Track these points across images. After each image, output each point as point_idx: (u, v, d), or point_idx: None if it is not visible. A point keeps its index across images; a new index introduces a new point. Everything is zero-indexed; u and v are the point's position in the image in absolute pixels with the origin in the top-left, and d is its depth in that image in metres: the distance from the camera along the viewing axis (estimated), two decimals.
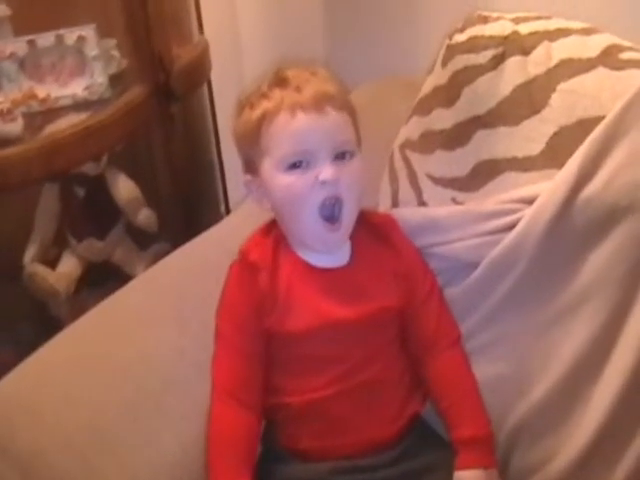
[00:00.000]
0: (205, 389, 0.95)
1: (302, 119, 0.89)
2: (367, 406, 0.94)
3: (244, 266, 0.97)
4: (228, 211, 1.63)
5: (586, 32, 0.99)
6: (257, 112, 0.92)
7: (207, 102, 1.52)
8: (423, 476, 0.93)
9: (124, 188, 1.44)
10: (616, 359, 0.92)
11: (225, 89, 1.53)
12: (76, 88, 1.29)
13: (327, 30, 1.51)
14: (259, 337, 0.95)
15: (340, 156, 0.90)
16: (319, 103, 0.89)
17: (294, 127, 0.89)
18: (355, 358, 0.94)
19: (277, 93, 0.91)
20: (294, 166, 0.90)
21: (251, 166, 0.95)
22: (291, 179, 0.90)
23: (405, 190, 1.09)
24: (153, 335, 1.02)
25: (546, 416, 0.96)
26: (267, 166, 0.92)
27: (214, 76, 1.49)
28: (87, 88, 1.29)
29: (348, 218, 0.93)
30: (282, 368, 0.96)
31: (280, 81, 0.93)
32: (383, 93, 1.30)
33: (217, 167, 1.58)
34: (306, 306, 0.94)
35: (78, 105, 1.30)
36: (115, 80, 1.32)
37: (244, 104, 0.95)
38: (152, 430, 0.94)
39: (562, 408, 0.95)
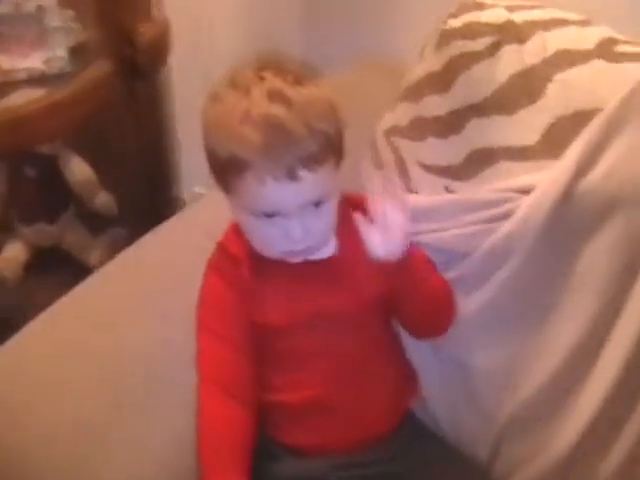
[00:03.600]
0: (193, 381, 0.90)
1: (272, 189, 0.81)
2: (362, 401, 0.92)
3: (224, 259, 0.93)
4: (182, 195, 1.58)
5: (582, 24, 0.99)
6: (224, 149, 0.82)
7: (166, 83, 1.45)
8: (420, 470, 0.92)
9: (79, 170, 1.37)
10: (610, 351, 0.92)
11: (186, 72, 1.48)
12: (35, 61, 1.21)
13: (304, 11, 1.45)
14: (246, 329, 0.91)
15: (316, 203, 0.84)
16: (292, 169, 0.80)
17: (262, 193, 0.81)
18: (346, 351, 0.92)
19: (246, 142, 0.79)
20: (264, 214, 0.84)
21: (221, 185, 0.87)
22: (257, 224, 0.85)
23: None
24: (133, 323, 0.98)
25: (538, 408, 0.96)
26: (234, 199, 0.86)
27: (175, 58, 1.43)
28: (47, 61, 1.20)
29: (317, 249, 0.89)
30: (273, 365, 0.93)
31: (247, 120, 0.80)
32: (361, 77, 1.27)
33: (173, 150, 1.52)
34: (291, 298, 0.91)
35: (35, 79, 1.22)
36: (74, 54, 1.24)
37: (215, 107, 0.84)
38: (140, 424, 0.90)
39: (555, 400, 0.95)
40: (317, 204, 0.84)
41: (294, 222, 0.83)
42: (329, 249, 0.93)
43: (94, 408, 0.88)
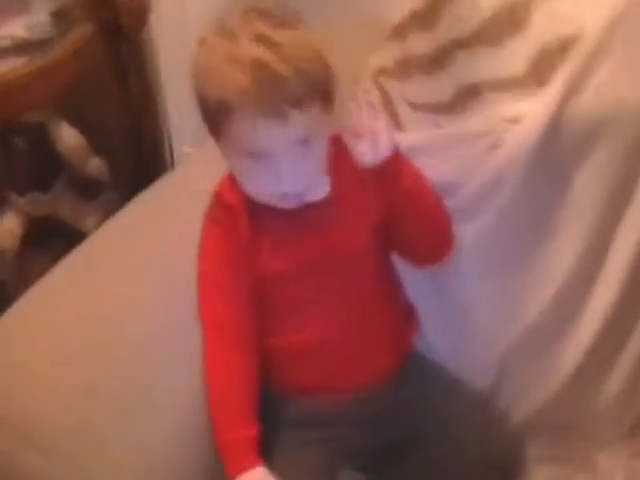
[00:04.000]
0: (194, 342, 0.91)
1: (260, 127, 0.81)
2: (363, 338, 0.93)
3: (221, 210, 0.94)
4: (172, 156, 1.57)
5: None
6: (213, 93, 0.83)
7: (150, 43, 1.44)
8: (424, 404, 0.93)
9: (68, 137, 1.36)
10: (607, 275, 0.94)
11: (168, 31, 1.46)
12: (15, 28, 1.19)
13: None
14: (245, 275, 0.92)
15: (304, 142, 0.85)
16: (281, 110, 0.81)
17: (251, 132, 0.82)
18: (344, 291, 0.92)
19: (235, 81, 0.80)
20: (252, 154, 0.85)
21: (212, 130, 0.88)
22: (250, 165, 0.85)
23: None
24: (139, 286, 0.97)
25: (538, 336, 0.98)
26: (226, 145, 0.87)
27: (157, 16, 1.41)
28: (28, 28, 1.19)
29: (311, 191, 0.90)
30: (278, 308, 0.93)
31: (236, 61, 0.81)
32: (347, 37, 1.26)
33: (162, 111, 1.51)
34: (288, 244, 0.91)
35: (17, 47, 1.21)
36: (56, 18, 1.23)
37: (203, 55, 0.85)
38: (151, 393, 0.89)
39: (556, 324, 0.97)
40: (305, 143, 0.84)
41: (283, 162, 0.84)
42: (322, 191, 0.93)
43: (105, 378, 0.88)
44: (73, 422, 0.85)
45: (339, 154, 0.92)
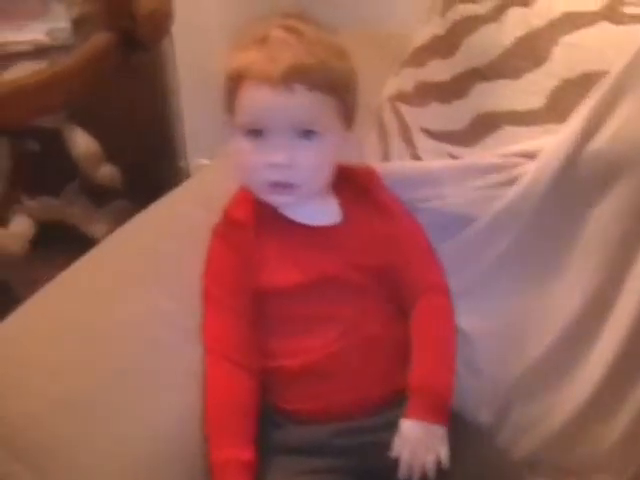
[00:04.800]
0: (196, 355, 0.91)
1: (266, 94, 0.85)
2: (364, 367, 0.92)
3: (229, 226, 0.94)
4: (187, 166, 1.57)
5: None
6: (233, 66, 0.88)
7: (169, 53, 1.44)
8: None
9: (83, 143, 1.36)
10: (616, 315, 0.92)
11: (187, 41, 1.46)
12: (36, 33, 1.19)
13: None
14: (250, 296, 0.91)
15: (303, 135, 0.87)
16: (289, 79, 0.84)
17: (256, 99, 0.86)
18: (349, 317, 0.91)
19: (252, 53, 0.87)
20: (254, 132, 0.87)
21: (228, 109, 0.92)
22: (247, 147, 0.88)
23: (396, 145, 1.06)
24: (134, 299, 0.95)
25: (545, 372, 0.95)
26: (234, 121, 0.90)
27: (176, 27, 1.41)
28: (49, 33, 1.19)
29: (305, 191, 0.90)
30: (276, 330, 0.92)
31: (260, 40, 0.87)
32: (356, 46, 1.25)
33: (178, 121, 1.51)
34: (294, 263, 0.91)
35: (36, 52, 1.20)
36: (77, 26, 1.23)
37: (238, 41, 0.91)
38: (143, 403, 0.88)
39: (561, 364, 0.94)
40: (308, 134, 0.87)
41: (279, 143, 0.86)
42: (333, 217, 0.94)
43: (94, 385, 0.87)
44: (70, 434, 0.84)
45: (351, 185, 0.92)
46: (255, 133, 0.87)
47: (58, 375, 0.87)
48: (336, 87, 0.87)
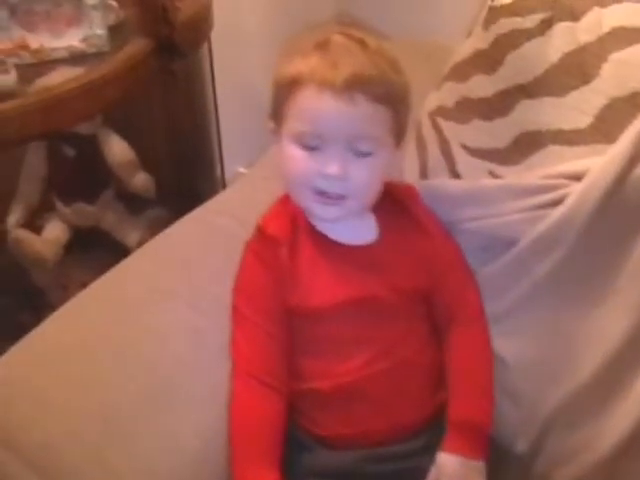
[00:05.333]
0: (224, 373, 0.89)
1: (327, 101, 0.82)
2: (397, 391, 0.89)
3: (262, 241, 0.92)
4: (223, 177, 1.55)
5: None
6: (291, 71, 0.85)
7: (206, 62, 1.42)
8: None
9: (118, 150, 1.35)
10: None
11: (224, 49, 1.44)
12: (72, 39, 1.19)
13: None
14: (281, 316, 0.89)
15: (359, 153, 0.84)
16: (351, 88, 0.81)
17: (316, 107, 0.83)
18: (383, 340, 0.89)
19: (314, 59, 0.83)
20: (307, 143, 0.84)
21: (276, 116, 0.89)
22: (299, 155, 0.85)
23: (436, 161, 1.02)
24: (165, 313, 0.95)
25: (584, 403, 0.91)
26: (285, 129, 0.87)
27: (214, 35, 1.40)
28: (85, 40, 1.18)
29: (352, 205, 0.88)
30: (308, 350, 0.90)
31: (321, 46, 0.85)
32: (401, 56, 1.22)
33: (215, 131, 1.49)
34: (330, 282, 0.89)
35: (73, 58, 1.20)
36: (113, 32, 1.22)
37: (293, 48, 0.88)
38: (169, 419, 0.86)
39: (602, 395, 0.90)
40: (363, 153, 0.84)
41: (334, 153, 0.83)
42: (370, 235, 0.92)
43: (121, 401, 0.86)
44: (88, 451, 0.83)
45: (389, 205, 0.89)
46: (308, 143, 0.85)
47: (85, 391, 0.86)
48: (394, 101, 0.85)
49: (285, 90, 0.86)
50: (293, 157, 0.86)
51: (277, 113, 0.88)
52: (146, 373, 0.89)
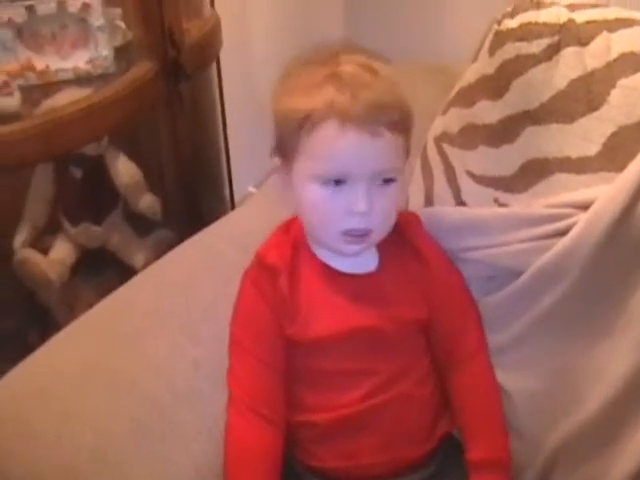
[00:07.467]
0: (221, 404, 0.87)
1: (351, 137, 0.78)
2: (397, 424, 0.87)
3: (261, 270, 0.89)
4: (232, 197, 1.54)
5: None
6: (302, 106, 0.80)
7: (215, 82, 1.42)
8: None
9: (125, 171, 1.34)
10: None
11: (233, 69, 1.44)
12: (78, 61, 1.18)
13: (347, 10, 1.40)
14: (279, 346, 0.87)
15: (384, 181, 0.82)
16: (372, 120, 0.78)
17: (340, 145, 0.79)
18: (383, 371, 0.87)
19: (329, 91, 0.79)
20: (329, 181, 0.81)
21: (283, 152, 0.85)
22: (322, 195, 0.81)
23: (441, 187, 1.00)
24: (161, 342, 0.94)
25: (590, 439, 0.88)
26: (300, 167, 0.83)
27: (222, 54, 1.39)
28: (90, 61, 1.18)
29: (375, 238, 0.86)
30: (306, 381, 0.88)
31: (333, 77, 0.80)
32: (406, 78, 1.21)
33: (223, 151, 1.48)
34: (329, 312, 0.87)
35: (78, 79, 1.19)
36: (119, 54, 1.22)
37: (293, 78, 0.85)
38: (163, 451, 0.85)
39: (608, 431, 0.87)
40: (386, 181, 0.82)
41: (361, 190, 0.80)
42: (371, 264, 0.90)
43: (115, 434, 0.84)
44: None
45: (393, 230, 0.88)
46: (330, 181, 0.81)
47: (78, 424, 0.85)
48: (408, 127, 0.83)
49: (296, 126, 0.81)
50: (315, 198, 0.82)
51: (286, 150, 0.84)
52: (140, 404, 0.88)
